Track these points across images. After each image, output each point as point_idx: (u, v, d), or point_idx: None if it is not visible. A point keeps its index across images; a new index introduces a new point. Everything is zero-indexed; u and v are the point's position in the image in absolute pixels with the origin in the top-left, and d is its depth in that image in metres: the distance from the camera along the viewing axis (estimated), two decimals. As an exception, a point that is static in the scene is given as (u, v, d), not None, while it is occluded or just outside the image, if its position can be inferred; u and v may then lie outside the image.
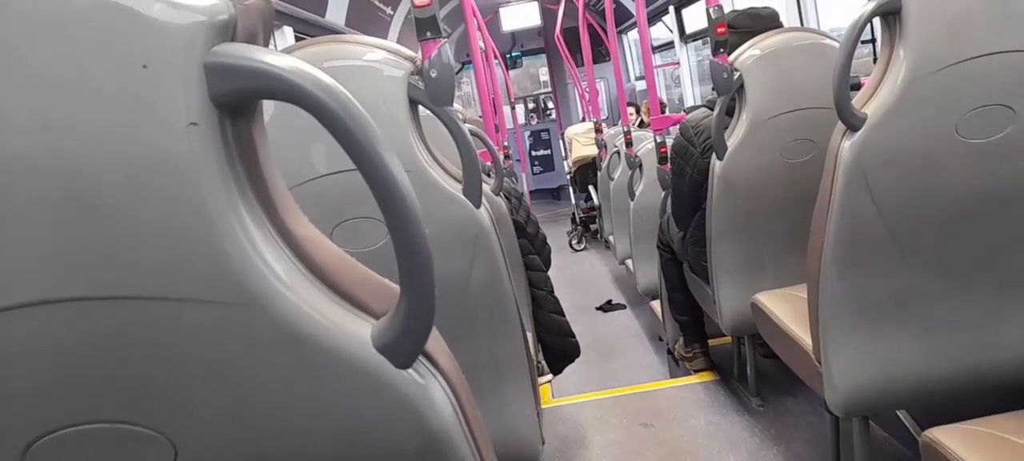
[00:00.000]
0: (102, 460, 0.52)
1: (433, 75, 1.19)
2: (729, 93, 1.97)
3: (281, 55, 0.46)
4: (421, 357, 0.53)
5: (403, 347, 0.51)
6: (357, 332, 0.51)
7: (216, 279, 0.47)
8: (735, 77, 1.95)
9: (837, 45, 1.30)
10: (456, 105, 1.33)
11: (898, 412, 1.90)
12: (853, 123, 1.24)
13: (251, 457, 0.53)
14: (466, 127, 1.28)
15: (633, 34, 8.71)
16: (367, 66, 1.22)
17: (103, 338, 0.48)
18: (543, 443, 1.65)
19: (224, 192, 0.46)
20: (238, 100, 0.46)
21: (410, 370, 0.52)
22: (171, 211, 0.46)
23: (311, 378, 0.50)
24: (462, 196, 1.27)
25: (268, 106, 1.17)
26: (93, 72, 0.44)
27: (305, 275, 0.50)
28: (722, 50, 2.01)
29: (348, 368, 0.50)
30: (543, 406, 2.27)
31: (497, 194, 1.82)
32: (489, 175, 2.01)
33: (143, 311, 0.47)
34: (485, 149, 2.19)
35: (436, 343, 0.56)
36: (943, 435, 1.09)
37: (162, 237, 0.46)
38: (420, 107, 1.26)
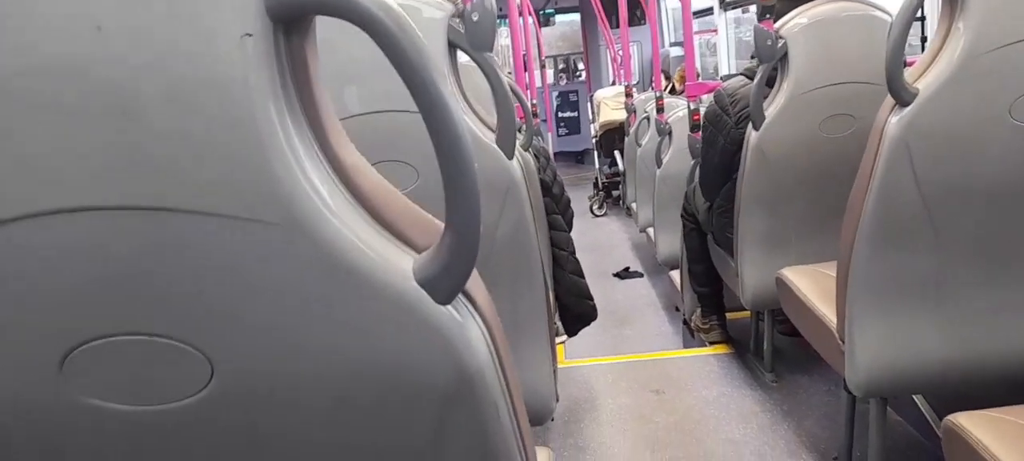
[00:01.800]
0: (139, 372, 0.53)
1: (474, 18, 1.16)
2: (772, 61, 1.92)
3: None
4: (461, 295, 0.53)
5: (444, 283, 0.50)
6: (399, 264, 0.50)
7: (261, 197, 0.46)
8: (779, 45, 1.90)
9: (887, 18, 1.26)
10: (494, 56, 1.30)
11: (915, 397, 1.89)
12: (903, 97, 1.21)
13: (287, 379, 0.53)
14: (503, 78, 1.26)
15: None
16: (407, 4, 1.19)
17: (144, 249, 0.48)
18: (557, 400, 1.65)
19: (274, 109, 0.45)
20: (294, 14, 0.45)
21: (449, 307, 0.52)
22: (219, 124, 0.45)
23: (351, 306, 0.50)
24: (495, 146, 1.26)
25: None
26: None
27: (350, 202, 0.49)
28: (768, 16, 1.96)
29: (388, 299, 0.50)
30: (557, 365, 2.28)
31: (526, 150, 1.80)
32: (520, 130, 1.99)
33: (185, 225, 0.47)
34: (518, 103, 2.16)
35: (475, 284, 0.55)
36: (967, 421, 1.07)
37: (209, 150, 0.45)
38: (458, 53, 1.24)
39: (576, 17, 10.48)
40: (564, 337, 2.44)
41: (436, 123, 0.46)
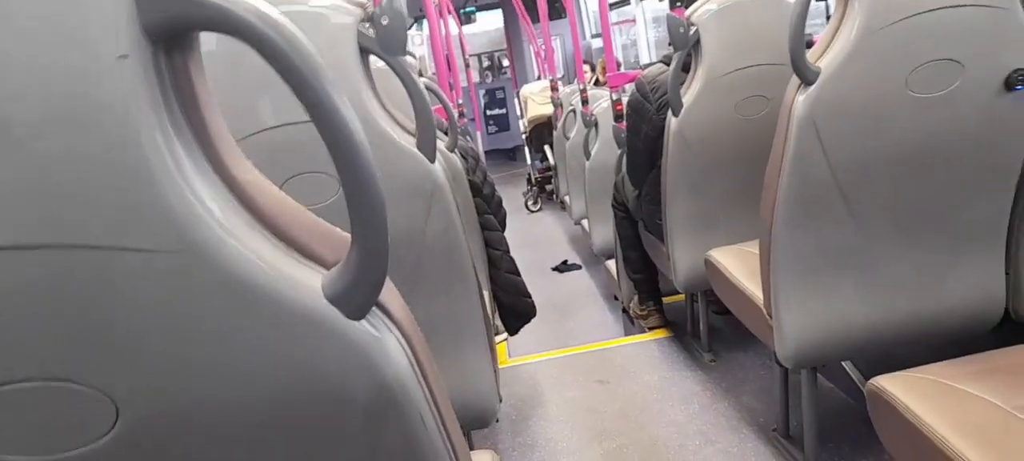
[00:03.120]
0: (40, 420, 0.49)
1: (384, 22, 1.14)
2: (685, 48, 1.96)
3: None
4: (375, 308, 0.51)
5: (355, 297, 0.49)
6: (307, 282, 0.48)
7: (153, 225, 0.44)
8: (691, 31, 1.94)
9: (792, 1, 1.30)
10: (410, 58, 1.29)
11: (843, 363, 1.96)
12: (807, 76, 1.25)
13: (197, 411, 0.51)
14: (420, 80, 1.24)
15: (589, -9, 8.66)
16: (313, 12, 1.16)
17: (34, 291, 0.45)
18: (500, 401, 1.65)
19: (158, 131, 0.43)
20: (172, 30, 0.43)
21: (363, 321, 0.50)
22: (102, 152, 0.42)
23: (258, 330, 0.48)
24: (416, 150, 1.24)
25: (211, 54, 1.11)
26: (14, 0, 0.40)
27: (249, 222, 0.47)
28: (679, 4, 2.00)
29: (298, 319, 0.48)
30: (500, 365, 2.28)
31: (452, 151, 1.78)
32: (444, 132, 1.97)
33: (75, 260, 0.44)
34: (439, 105, 2.15)
35: (390, 294, 0.54)
36: (888, 383, 1.12)
37: (93, 181, 0.43)
38: (372, 59, 1.22)
39: (498, 13, 10.50)
40: (504, 335, 2.43)
41: (330, 135, 0.44)
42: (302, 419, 0.53)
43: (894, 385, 1.11)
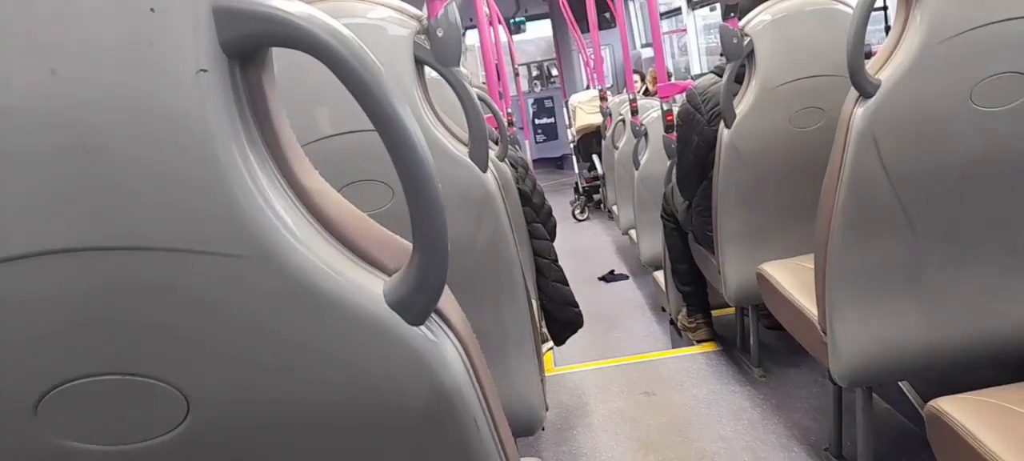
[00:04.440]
0: (114, 412, 0.52)
1: (439, 34, 1.16)
2: (739, 59, 1.94)
3: (292, 1, 0.45)
4: (433, 315, 0.53)
5: (416, 303, 0.50)
6: (369, 287, 0.50)
7: (226, 230, 0.46)
8: (745, 43, 1.92)
9: (850, 11, 1.27)
10: (463, 69, 1.31)
11: (900, 383, 1.90)
12: (866, 89, 1.22)
13: (262, 410, 0.53)
14: (473, 91, 1.26)
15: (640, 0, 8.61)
16: (371, 24, 1.19)
17: (112, 289, 0.47)
18: (546, 409, 1.65)
19: (234, 141, 0.45)
20: (248, 46, 0.45)
21: (422, 327, 0.52)
22: (180, 160, 0.45)
23: (322, 333, 0.50)
24: (468, 159, 1.26)
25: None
26: (100, 16, 0.43)
27: (316, 228, 0.49)
28: (733, 14, 1.98)
29: (360, 323, 0.49)
30: (546, 374, 2.28)
31: (502, 160, 1.80)
32: (495, 141, 1.99)
33: (152, 262, 0.47)
34: (490, 115, 2.17)
35: (448, 301, 0.55)
36: (948, 405, 1.09)
37: (171, 187, 0.45)
38: (426, 69, 1.24)
39: (547, 23, 10.53)
40: (550, 344, 2.43)
41: (395, 145, 0.46)
42: (360, 421, 0.55)
43: (955, 407, 1.07)
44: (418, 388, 0.53)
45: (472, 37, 7.29)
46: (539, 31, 10.82)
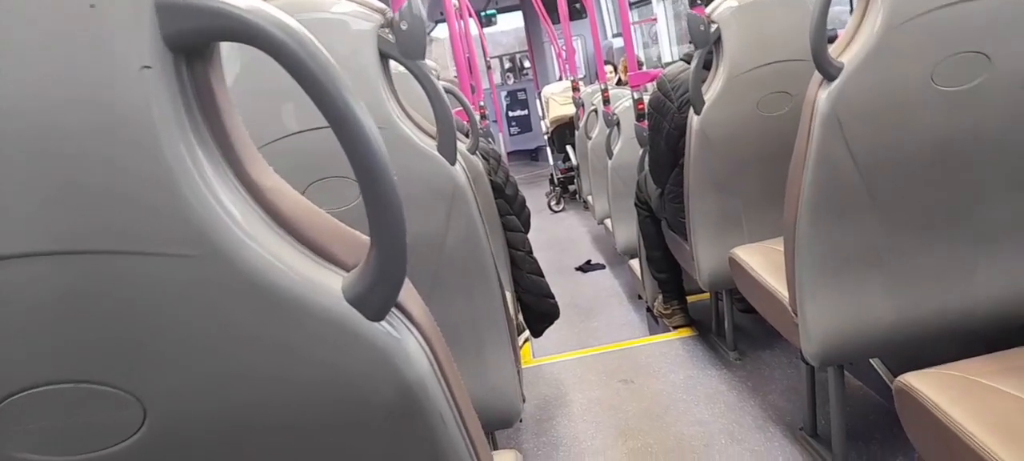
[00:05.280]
0: (69, 421, 0.51)
1: (404, 27, 1.15)
2: (706, 46, 1.95)
3: None
4: (395, 309, 0.52)
5: (375, 299, 0.50)
6: (327, 284, 0.49)
7: (177, 230, 0.45)
8: (712, 29, 1.93)
9: (814, -5, 1.28)
10: (429, 62, 1.30)
11: (871, 360, 1.93)
12: (830, 72, 1.24)
13: (220, 411, 0.52)
14: (440, 84, 1.25)
15: (609, -9, 8.63)
16: (334, 18, 1.18)
17: (62, 295, 0.46)
18: (524, 401, 1.65)
19: (181, 139, 0.44)
20: (193, 41, 0.44)
21: (383, 323, 0.51)
22: (126, 160, 0.43)
23: (280, 332, 0.49)
24: (436, 153, 1.25)
25: (234, 62, 1.13)
26: (38, 13, 0.41)
27: (271, 225, 0.48)
28: (699, 2, 1.99)
29: (318, 321, 0.49)
30: (524, 366, 2.28)
31: (473, 153, 1.79)
32: (466, 134, 1.98)
33: (102, 266, 0.46)
34: (460, 108, 2.16)
35: (410, 296, 0.55)
36: (915, 380, 1.10)
37: (118, 188, 0.44)
38: (393, 63, 1.23)
39: (518, 15, 10.52)
40: (526, 335, 2.44)
41: (348, 140, 0.45)
42: (323, 420, 0.54)
43: (922, 382, 1.09)
44: (381, 385, 0.52)
45: (443, 30, 7.25)
46: (512, 23, 10.80)
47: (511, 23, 10.81)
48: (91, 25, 0.42)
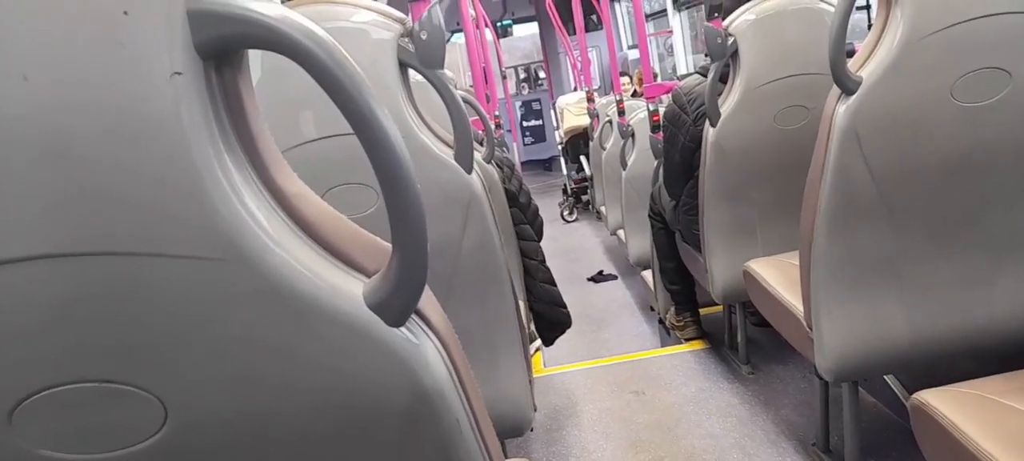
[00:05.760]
0: (91, 419, 0.52)
1: (423, 37, 1.16)
2: (723, 59, 1.95)
3: (267, 3, 0.45)
4: (414, 316, 0.52)
5: (395, 305, 0.50)
6: (349, 289, 0.50)
7: (203, 234, 0.46)
8: (729, 42, 1.93)
9: (832, 9, 1.28)
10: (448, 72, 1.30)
11: (886, 377, 1.92)
12: (848, 86, 1.23)
13: (241, 414, 0.53)
14: (457, 93, 1.26)
15: (626, 1, 8.63)
16: (354, 28, 1.19)
17: (88, 296, 0.47)
18: (535, 410, 1.65)
19: (209, 144, 0.45)
20: (223, 49, 0.45)
21: (403, 328, 0.51)
22: (155, 164, 0.44)
23: (301, 335, 0.49)
24: (453, 162, 1.26)
25: (256, 69, 1.14)
26: (73, 19, 0.42)
27: (294, 231, 0.49)
28: (717, 15, 1.99)
29: (339, 325, 0.49)
30: (535, 375, 2.28)
31: (489, 162, 1.80)
32: (481, 143, 1.99)
33: (128, 267, 0.46)
34: (476, 117, 2.17)
35: (429, 302, 0.55)
36: (932, 397, 1.10)
37: (147, 191, 0.45)
38: (410, 72, 1.24)
39: (534, 25, 10.55)
40: (538, 343, 2.44)
41: (373, 148, 0.46)
42: (342, 423, 0.55)
43: (939, 400, 1.08)
44: (399, 390, 0.52)
45: (457, 36, 7.27)
46: (527, 33, 10.84)
47: (527, 33, 10.85)
48: (124, 31, 0.43)
